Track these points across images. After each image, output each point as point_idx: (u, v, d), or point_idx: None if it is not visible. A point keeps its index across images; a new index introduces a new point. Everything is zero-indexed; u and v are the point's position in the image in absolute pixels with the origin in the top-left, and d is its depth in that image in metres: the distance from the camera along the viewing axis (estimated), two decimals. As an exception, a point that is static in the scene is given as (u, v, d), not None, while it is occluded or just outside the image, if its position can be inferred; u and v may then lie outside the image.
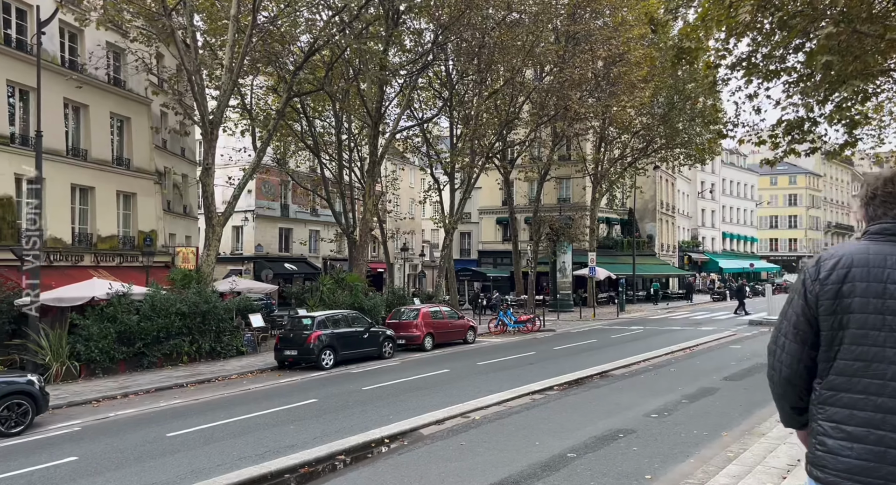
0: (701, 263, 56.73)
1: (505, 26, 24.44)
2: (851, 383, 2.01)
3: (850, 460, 1.97)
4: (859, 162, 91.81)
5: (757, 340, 18.29)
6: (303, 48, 20.53)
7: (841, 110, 9.51)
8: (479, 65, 28.10)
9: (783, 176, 77.08)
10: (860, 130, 20.84)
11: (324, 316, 15.83)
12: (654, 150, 37.46)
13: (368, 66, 20.24)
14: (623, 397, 10.40)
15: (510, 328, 23.66)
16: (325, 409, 10.05)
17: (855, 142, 14.57)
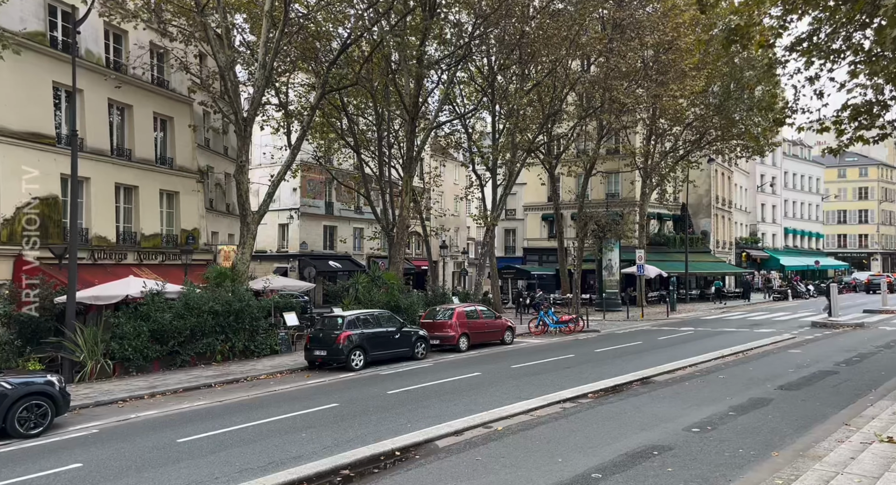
0: (760, 260, 53.78)
1: (547, 15, 23.54)
2: None
3: None
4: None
5: (819, 345, 16.84)
6: (339, 43, 20.28)
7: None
8: (520, 56, 27.27)
9: (852, 168, 72.29)
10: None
11: (354, 316, 15.52)
12: (708, 142, 35.56)
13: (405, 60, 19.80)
14: (663, 408, 9.55)
15: (551, 329, 22.81)
16: (343, 415, 9.66)
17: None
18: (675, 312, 31.77)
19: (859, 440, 6.17)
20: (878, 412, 7.95)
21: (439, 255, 32.22)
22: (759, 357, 14.97)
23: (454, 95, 30.73)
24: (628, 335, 21.60)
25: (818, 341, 17.61)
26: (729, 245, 50.68)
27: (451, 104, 30.27)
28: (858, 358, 14.10)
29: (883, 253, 71.42)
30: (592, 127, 33.59)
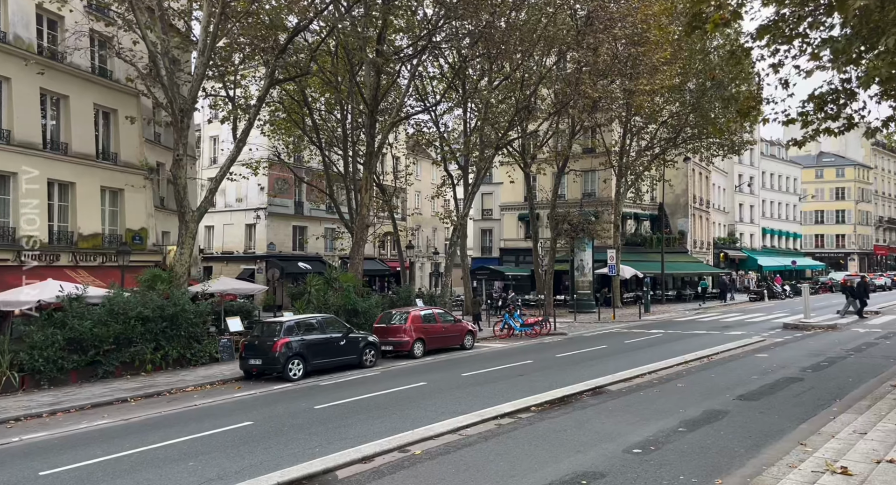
0: (738, 260, 53.49)
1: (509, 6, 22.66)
2: None
3: None
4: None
5: (788, 348, 16.10)
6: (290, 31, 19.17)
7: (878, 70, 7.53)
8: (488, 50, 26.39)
9: (829, 168, 72.59)
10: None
11: (293, 321, 14.47)
12: (683, 140, 34.98)
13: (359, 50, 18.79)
14: (608, 423, 8.65)
15: (517, 332, 21.92)
16: (252, 436, 8.62)
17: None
18: (648, 313, 31.08)
19: (811, 468, 5.30)
20: (839, 429, 7.10)
21: (406, 255, 31.20)
22: (723, 363, 14.17)
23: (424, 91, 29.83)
24: (595, 338, 20.78)
25: (787, 344, 16.89)
26: (707, 245, 50.29)
27: (423, 101, 29.34)
28: (827, 363, 13.36)
29: (860, 253, 71.74)
30: (566, 124, 32.84)
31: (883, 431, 6.06)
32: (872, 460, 5.14)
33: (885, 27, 7.04)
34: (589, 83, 23.29)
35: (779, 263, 55.31)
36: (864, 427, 6.63)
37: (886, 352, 14.74)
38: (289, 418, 9.65)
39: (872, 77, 7.95)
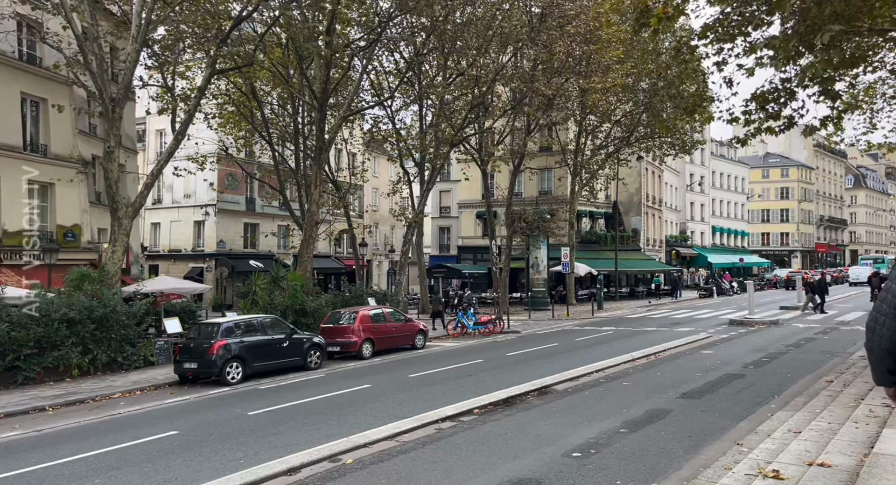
0: (689, 257, 54.90)
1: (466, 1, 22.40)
2: None
3: None
4: (852, 157, 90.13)
5: (732, 344, 16.38)
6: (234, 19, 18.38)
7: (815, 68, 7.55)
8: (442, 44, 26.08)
9: (775, 169, 75.36)
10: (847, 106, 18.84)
11: (232, 322, 13.82)
12: (636, 139, 35.49)
13: (304, 40, 18.16)
14: (551, 425, 8.45)
15: (470, 330, 21.72)
16: (173, 447, 8.05)
17: (839, 118, 12.62)
18: (602, 310, 31.43)
19: (745, 470, 5.17)
20: (775, 427, 7.07)
21: (361, 253, 30.63)
22: (670, 360, 14.26)
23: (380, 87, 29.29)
24: (548, 336, 20.76)
25: (732, 340, 17.20)
26: (659, 243, 51.38)
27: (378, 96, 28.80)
28: (767, 359, 13.58)
29: (802, 250, 74.75)
30: (521, 122, 32.85)
31: (816, 430, 6.01)
32: (804, 461, 5.04)
33: (821, 24, 7.03)
34: (543, 81, 23.26)
35: (727, 260, 57.02)
36: (799, 426, 6.60)
37: (823, 347, 15.14)
38: (218, 427, 9.10)
39: (806, 75, 7.98)
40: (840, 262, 78.75)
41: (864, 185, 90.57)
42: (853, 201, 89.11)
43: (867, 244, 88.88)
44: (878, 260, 63.20)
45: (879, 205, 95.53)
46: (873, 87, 20.54)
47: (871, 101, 20.60)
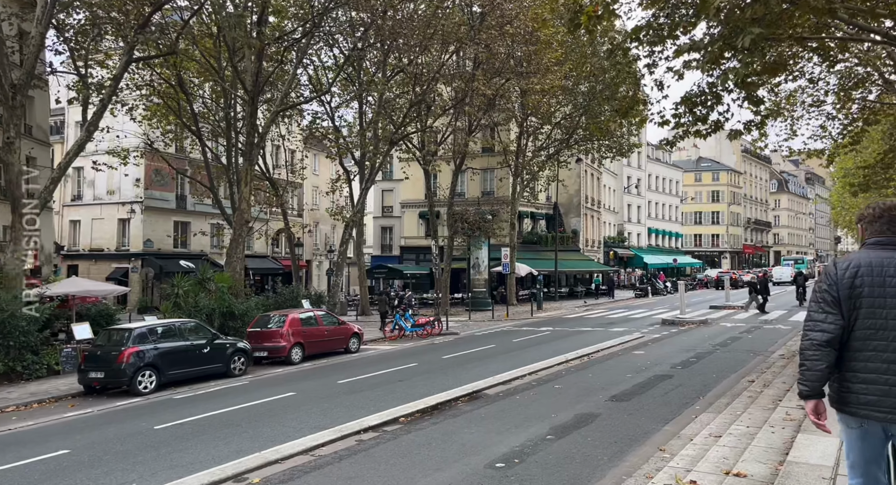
0: (626, 258, 56.45)
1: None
2: (865, 345, 2.87)
3: (867, 396, 2.84)
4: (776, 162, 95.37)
5: (663, 344, 16.67)
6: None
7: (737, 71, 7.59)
8: (381, 40, 25.59)
9: (707, 173, 78.68)
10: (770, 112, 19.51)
11: (146, 327, 12.87)
12: (576, 141, 36.04)
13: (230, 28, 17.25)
14: (477, 434, 8.15)
15: (408, 332, 21.30)
16: (58, 469, 7.26)
17: (763, 123, 12.98)
18: (541, 310, 31.69)
19: (664, 480, 5.01)
20: (698, 430, 7.02)
21: (298, 253, 29.65)
22: (602, 361, 14.32)
23: (318, 82, 28.43)
24: (485, 337, 20.61)
25: (663, 340, 17.52)
26: (598, 244, 52.54)
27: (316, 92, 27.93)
28: (695, 359, 13.84)
29: (731, 251, 78.41)
30: (463, 122, 32.71)
31: (735, 435, 5.95)
32: (722, 470, 4.93)
33: (744, 27, 7.05)
34: (483, 80, 23.13)
35: (662, 260, 59.03)
36: (720, 429, 6.55)
37: (748, 346, 15.61)
38: (117, 443, 8.31)
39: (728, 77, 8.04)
40: (765, 262, 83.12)
41: (786, 189, 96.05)
42: (777, 205, 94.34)
43: (789, 245, 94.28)
44: (798, 261, 67.03)
45: (800, 208, 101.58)
46: (794, 95, 21.53)
47: (792, 108, 21.59)
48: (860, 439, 2.92)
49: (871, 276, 2.86)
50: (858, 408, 2.86)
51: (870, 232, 3.05)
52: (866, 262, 2.91)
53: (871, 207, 3.10)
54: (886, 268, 2.87)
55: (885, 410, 2.79)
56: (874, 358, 2.83)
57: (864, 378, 2.84)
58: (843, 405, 2.94)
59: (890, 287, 2.84)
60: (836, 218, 57.35)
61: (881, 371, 2.81)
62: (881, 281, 2.85)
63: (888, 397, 2.79)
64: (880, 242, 2.97)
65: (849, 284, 2.89)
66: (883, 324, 2.82)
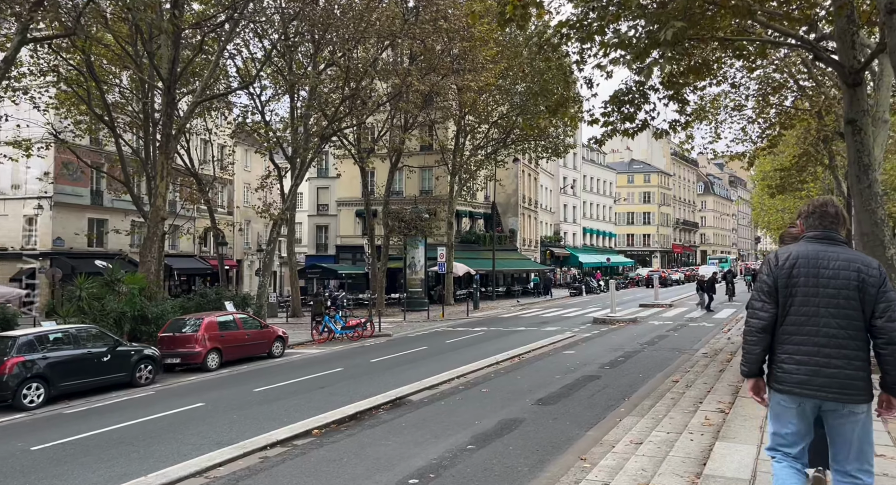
0: (562, 257, 57.46)
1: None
2: (798, 330, 3.14)
3: (799, 376, 3.11)
4: (703, 165, 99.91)
5: (593, 343, 16.70)
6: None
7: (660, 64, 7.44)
8: (312, 32, 24.64)
9: (639, 174, 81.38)
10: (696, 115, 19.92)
11: (33, 335, 11.59)
12: (513, 141, 36.13)
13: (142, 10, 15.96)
14: (395, 446, 7.63)
15: (337, 335, 20.51)
16: None
17: (688, 124, 13.11)
18: (477, 310, 31.54)
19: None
20: (620, 437, 6.78)
21: (225, 252, 28.16)
22: (533, 362, 14.11)
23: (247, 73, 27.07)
24: (418, 339, 20.13)
25: (593, 340, 17.58)
26: (535, 243, 53.18)
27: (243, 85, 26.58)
28: (623, 358, 13.86)
29: (661, 251, 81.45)
30: (400, 119, 32.08)
31: (655, 442, 5.71)
32: (639, 484, 4.61)
33: (667, 20, 6.88)
34: (417, 76, 22.63)
35: (597, 260, 60.49)
36: (641, 435, 6.31)
37: (674, 344, 15.84)
38: (-20, 472, 7.25)
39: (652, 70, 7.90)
40: (693, 261, 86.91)
41: (712, 191, 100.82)
42: (703, 206, 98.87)
43: (714, 245, 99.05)
44: (722, 260, 70.36)
45: (724, 210, 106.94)
46: (717, 99, 22.24)
47: (716, 112, 22.30)
48: (795, 415, 3.16)
49: (808, 267, 3.15)
50: (793, 387, 3.12)
51: (806, 227, 3.33)
52: (804, 254, 3.19)
53: (807, 205, 3.41)
54: (821, 260, 3.15)
55: (814, 387, 3.06)
56: (806, 342, 3.10)
57: (797, 360, 3.10)
58: (780, 384, 3.18)
59: (822, 278, 3.11)
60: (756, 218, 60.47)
61: (812, 353, 3.07)
62: (815, 272, 3.12)
63: (817, 377, 3.05)
64: (816, 237, 3.25)
65: (787, 273, 3.18)
66: (815, 311, 3.09)
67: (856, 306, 3.05)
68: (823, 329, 3.07)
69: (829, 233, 3.22)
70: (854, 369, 3.02)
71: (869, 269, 3.07)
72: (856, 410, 3.04)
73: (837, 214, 3.25)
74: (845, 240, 3.32)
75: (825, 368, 3.04)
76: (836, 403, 3.03)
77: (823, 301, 3.07)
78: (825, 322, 3.07)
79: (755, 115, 21.52)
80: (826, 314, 3.07)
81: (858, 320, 3.05)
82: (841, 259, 3.12)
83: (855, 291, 3.05)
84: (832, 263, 3.11)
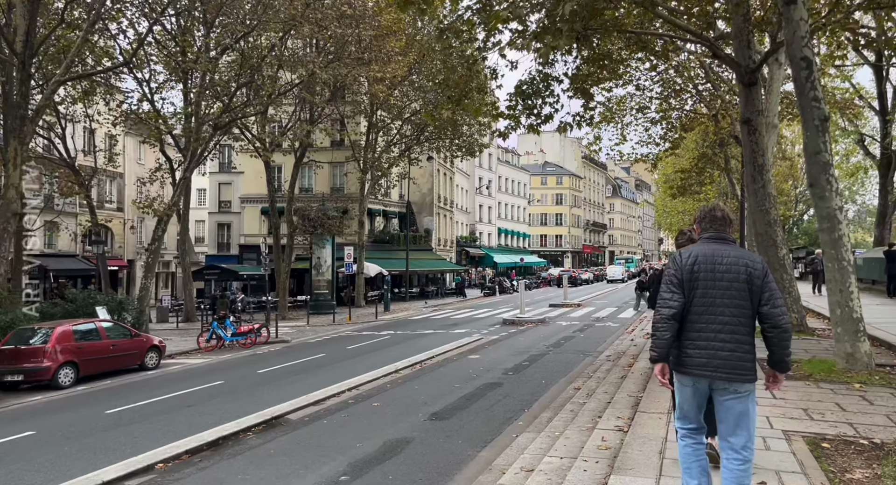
0: (478, 257, 57.48)
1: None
2: (699, 318, 3.48)
3: (699, 359, 3.45)
4: (611, 169, 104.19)
5: (499, 346, 16.09)
6: None
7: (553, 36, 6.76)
8: (204, 14, 22.60)
9: (552, 176, 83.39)
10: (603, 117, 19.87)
11: None
12: (426, 138, 35.30)
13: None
14: (251, 480, 6.41)
15: (227, 342, 18.71)
16: None
17: (592, 119, 12.71)
18: (388, 312, 30.41)
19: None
20: (513, 459, 5.96)
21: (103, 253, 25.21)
22: (435, 368, 13.23)
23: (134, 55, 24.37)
24: (318, 345, 18.75)
25: (500, 342, 16.99)
26: (450, 243, 52.75)
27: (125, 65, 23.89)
28: (528, 362, 13.28)
29: (572, 251, 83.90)
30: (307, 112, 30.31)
31: (546, 471, 4.92)
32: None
33: None
34: (320, 64, 21.19)
35: (511, 260, 61.07)
36: (534, 460, 5.52)
37: (579, 346, 15.52)
38: None
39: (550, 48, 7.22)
40: (602, 261, 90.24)
41: (619, 194, 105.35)
42: (611, 208, 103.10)
43: (621, 246, 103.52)
44: (628, 260, 73.39)
45: (630, 212, 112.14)
46: (623, 100, 22.49)
47: (622, 112, 22.54)
48: (692, 393, 3.51)
49: (706, 263, 3.49)
50: (692, 369, 3.45)
51: (702, 230, 3.71)
52: (703, 253, 3.52)
53: (699, 211, 3.78)
54: (716, 257, 3.49)
55: (710, 369, 3.40)
56: (705, 329, 3.43)
57: (697, 345, 3.43)
58: (681, 367, 3.51)
59: (717, 272, 3.47)
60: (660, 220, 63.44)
61: (709, 340, 3.41)
62: (712, 267, 3.48)
63: (713, 360, 3.39)
64: (711, 237, 3.63)
65: (689, 269, 3.51)
66: (712, 302, 3.43)
67: (745, 296, 3.42)
68: (719, 317, 3.41)
69: (721, 234, 3.61)
70: (744, 352, 3.38)
71: (755, 263, 3.47)
72: (740, 389, 3.38)
73: (724, 217, 3.66)
74: (734, 239, 3.71)
75: (720, 351, 3.37)
76: (727, 382, 3.38)
77: (719, 293, 3.43)
78: (720, 311, 3.42)
79: (658, 117, 21.92)
80: (721, 304, 3.43)
81: (747, 309, 3.42)
82: (732, 256, 3.49)
83: (744, 283, 3.42)
84: (725, 260, 3.48)
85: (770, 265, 12.20)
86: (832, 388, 6.88)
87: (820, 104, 7.93)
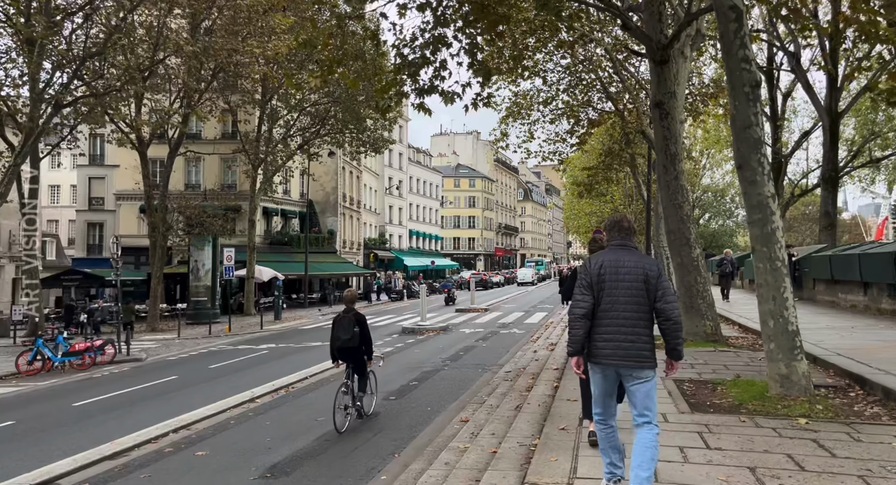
0: (388, 260, 55.13)
1: None
2: (606, 315, 3.93)
3: (606, 350, 3.91)
4: (522, 173, 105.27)
5: (391, 362, 13.87)
6: None
7: None
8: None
9: (465, 179, 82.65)
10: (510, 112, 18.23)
11: None
12: (327, 131, 32.58)
13: None
14: None
15: (57, 364, 15.27)
16: None
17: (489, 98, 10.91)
18: (279, 320, 27.44)
19: None
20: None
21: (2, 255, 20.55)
22: (304, 393, 10.88)
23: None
24: (175, 364, 15.76)
25: (393, 356, 14.84)
26: (357, 245, 50.05)
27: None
28: (417, 382, 11.25)
29: (485, 254, 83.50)
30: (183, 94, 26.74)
31: None
32: None
33: None
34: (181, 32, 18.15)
35: (422, 263, 59.22)
36: None
37: (479, 358, 13.71)
38: None
39: None
40: (514, 264, 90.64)
41: (531, 198, 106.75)
42: (523, 212, 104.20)
43: (532, 249, 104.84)
44: (538, 263, 73.78)
45: (541, 216, 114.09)
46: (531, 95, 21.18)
47: (530, 107, 21.22)
48: (602, 380, 4.00)
49: (611, 268, 3.98)
50: (601, 359, 3.93)
51: (609, 237, 4.22)
52: (608, 259, 4.03)
53: (608, 220, 4.31)
54: (619, 261, 3.99)
55: (616, 359, 3.88)
56: (610, 324, 3.91)
57: (604, 338, 3.91)
58: (592, 357, 3.98)
59: (620, 275, 3.95)
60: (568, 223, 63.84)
61: (614, 333, 3.89)
62: (616, 271, 3.96)
63: (618, 350, 3.87)
64: (616, 245, 4.13)
65: (597, 273, 3.98)
66: (616, 301, 3.92)
67: (643, 295, 3.90)
68: (622, 313, 3.90)
69: (626, 242, 4.12)
70: (643, 343, 3.88)
71: (651, 266, 3.96)
72: (641, 374, 3.87)
73: (629, 227, 4.17)
74: (636, 246, 4.18)
75: (623, 343, 3.88)
76: (631, 368, 3.87)
77: (621, 293, 3.91)
78: (623, 308, 3.90)
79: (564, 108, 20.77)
80: (623, 302, 3.90)
81: (645, 306, 3.90)
82: (632, 261, 3.98)
83: (641, 282, 3.91)
84: (627, 264, 3.97)
85: (684, 267, 10.88)
86: (774, 427, 5.33)
87: (750, 67, 6.46)
